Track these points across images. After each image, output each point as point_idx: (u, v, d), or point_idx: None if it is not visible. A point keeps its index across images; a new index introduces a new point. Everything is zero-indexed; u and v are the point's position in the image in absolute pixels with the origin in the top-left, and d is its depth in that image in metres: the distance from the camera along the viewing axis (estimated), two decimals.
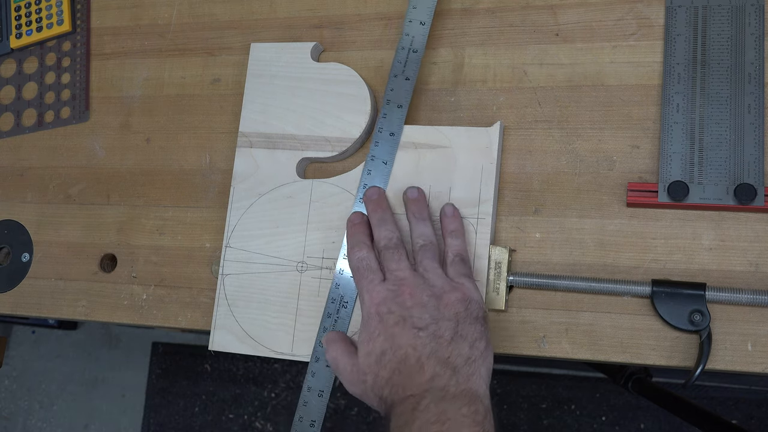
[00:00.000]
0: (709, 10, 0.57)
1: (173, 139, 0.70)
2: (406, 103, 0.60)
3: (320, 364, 0.57)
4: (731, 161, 0.54)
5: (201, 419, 1.61)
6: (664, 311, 0.53)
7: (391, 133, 0.60)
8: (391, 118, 0.60)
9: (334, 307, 0.58)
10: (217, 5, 0.71)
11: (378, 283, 0.53)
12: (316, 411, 0.56)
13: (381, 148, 0.60)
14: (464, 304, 0.51)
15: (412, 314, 0.50)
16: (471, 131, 0.59)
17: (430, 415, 0.45)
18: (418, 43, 0.60)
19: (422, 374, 0.48)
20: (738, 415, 1.32)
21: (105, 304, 0.67)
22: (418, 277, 0.53)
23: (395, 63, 0.60)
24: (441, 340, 0.49)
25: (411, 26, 0.61)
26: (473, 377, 0.48)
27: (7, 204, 0.73)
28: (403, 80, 0.60)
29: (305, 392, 0.57)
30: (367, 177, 0.59)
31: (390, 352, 0.50)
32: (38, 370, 1.77)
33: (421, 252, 0.54)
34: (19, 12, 0.77)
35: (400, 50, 0.61)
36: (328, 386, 0.57)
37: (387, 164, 0.60)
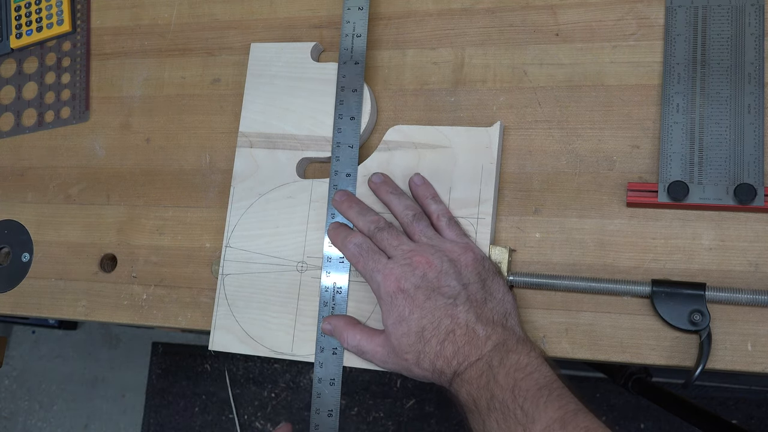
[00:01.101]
0: (709, 10, 0.57)
1: (173, 139, 0.70)
2: (361, 88, 0.61)
3: (326, 354, 0.57)
4: (731, 161, 0.54)
5: (201, 419, 1.61)
6: (664, 311, 0.53)
7: (351, 117, 0.61)
8: (348, 103, 0.61)
9: (328, 295, 0.58)
10: (217, 5, 0.71)
11: (387, 262, 0.53)
12: (331, 400, 0.57)
13: (344, 133, 0.61)
14: (480, 262, 0.53)
15: (439, 285, 0.51)
16: (471, 131, 0.59)
17: (507, 367, 0.47)
18: (360, 27, 0.62)
19: (477, 339, 0.49)
20: (738, 415, 1.32)
21: (105, 304, 0.67)
22: (425, 246, 0.53)
23: (342, 50, 0.62)
24: (476, 303, 0.51)
25: (350, 13, 0.63)
26: (516, 327, 0.51)
27: (7, 204, 0.73)
28: (353, 65, 0.61)
29: (317, 384, 0.57)
30: (336, 163, 0.61)
31: (430, 327, 0.50)
32: (38, 370, 1.77)
33: (414, 223, 0.55)
34: (19, 12, 0.77)
35: (344, 38, 0.62)
36: (338, 373, 0.57)
37: (353, 148, 0.61)
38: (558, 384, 0.47)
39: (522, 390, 0.46)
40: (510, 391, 0.46)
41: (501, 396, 0.46)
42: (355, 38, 0.62)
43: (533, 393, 0.46)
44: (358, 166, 0.61)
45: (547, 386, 0.46)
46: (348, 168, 0.60)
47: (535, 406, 0.45)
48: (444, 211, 0.56)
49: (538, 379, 0.47)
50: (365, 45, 0.62)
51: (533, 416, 0.45)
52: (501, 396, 0.46)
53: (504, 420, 0.46)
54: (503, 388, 0.46)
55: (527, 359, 0.48)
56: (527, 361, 0.48)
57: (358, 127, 0.61)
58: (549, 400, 0.45)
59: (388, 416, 1.46)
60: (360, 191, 0.60)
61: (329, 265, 0.59)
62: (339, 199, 0.59)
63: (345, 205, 0.58)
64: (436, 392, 1.45)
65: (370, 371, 0.57)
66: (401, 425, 1.45)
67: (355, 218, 0.57)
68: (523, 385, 0.46)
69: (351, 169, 0.60)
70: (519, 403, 0.45)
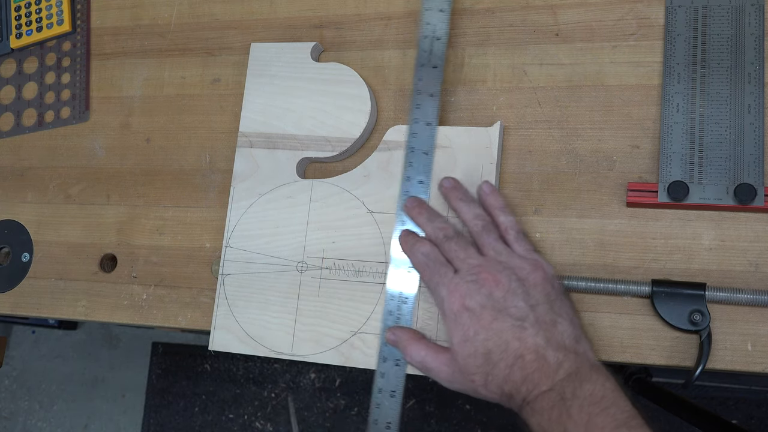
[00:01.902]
0: (709, 10, 0.57)
1: (173, 139, 0.70)
2: (437, 92, 0.59)
3: (389, 365, 0.56)
4: (731, 161, 0.54)
5: (201, 419, 1.61)
6: (664, 311, 0.53)
7: (428, 123, 0.59)
8: (425, 108, 0.59)
9: (393, 304, 0.57)
10: (217, 5, 0.71)
11: (453, 276, 0.51)
12: (390, 412, 0.55)
13: (419, 138, 0.59)
14: (549, 281, 0.50)
15: (506, 305, 0.49)
16: (471, 131, 0.59)
17: (581, 400, 0.45)
18: (440, 30, 0.60)
19: (548, 366, 0.47)
20: (738, 415, 1.32)
21: (105, 304, 0.67)
22: (493, 262, 0.51)
23: (420, 52, 0.60)
24: (545, 326, 0.48)
25: (430, 14, 0.60)
26: (589, 352, 0.48)
27: (7, 204, 0.73)
28: (431, 68, 0.59)
29: (376, 394, 0.56)
30: (410, 169, 0.58)
31: (497, 350, 0.48)
32: (38, 370, 1.77)
33: (484, 234, 0.53)
34: (19, 12, 0.77)
35: (422, 39, 0.60)
36: (400, 385, 0.55)
37: (428, 155, 0.58)
38: (637, 421, 0.44)
39: (597, 427, 0.43)
40: (584, 427, 0.43)
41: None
42: (434, 41, 0.60)
43: (609, 431, 0.43)
44: (359, 167, 0.61)
45: (625, 423, 0.43)
46: (421, 175, 0.58)
47: None
48: (513, 224, 0.54)
49: (614, 414, 0.44)
50: (445, 48, 0.60)
51: None
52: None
53: None
54: (577, 424, 0.44)
55: (602, 391, 0.45)
56: (602, 393, 0.45)
57: (434, 133, 0.59)
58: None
59: None
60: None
61: (396, 273, 0.57)
62: (410, 205, 0.57)
63: (415, 211, 0.56)
64: (436, 392, 1.45)
65: (370, 371, 0.57)
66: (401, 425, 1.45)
67: (423, 224, 0.55)
68: (599, 421, 0.43)
69: (424, 176, 0.58)
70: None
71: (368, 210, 0.60)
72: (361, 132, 0.62)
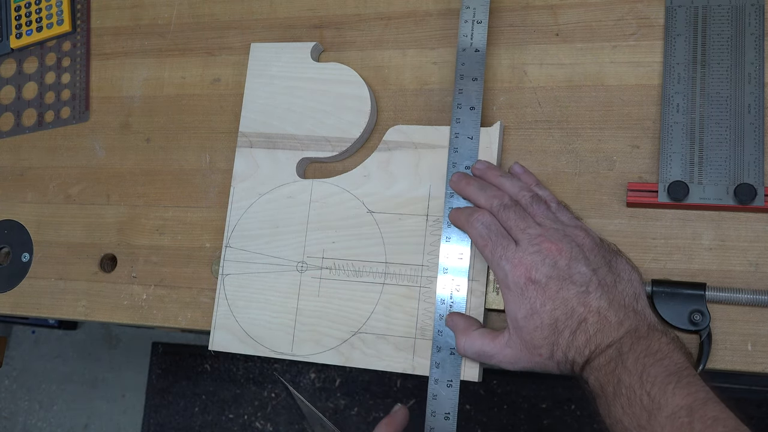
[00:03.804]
0: (709, 10, 0.57)
1: (173, 139, 0.70)
2: (481, 76, 0.58)
3: (443, 354, 0.55)
4: (731, 161, 0.54)
5: (201, 419, 1.61)
6: (664, 311, 0.53)
7: (471, 107, 0.58)
8: (467, 92, 0.58)
9: (444, 307, 0.56)
10: (217, 5, 0.71)
11: (515, 249, 0.50)
12: (448, 402, 0.55)
13: (463, 124, 0.58)
14: (601, 244, 0.51)
15: (570, 273, 0.49)
16: None
17: (637, 353, 0.46)
18: (481, 14, 0.60)
19: (609, 325, 0.47)
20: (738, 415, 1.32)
21: (105, 304, 0.67)
22: (551, 230, 0.51)
23: (461, 36, 0.59)
24: (607, 288, 0.49)
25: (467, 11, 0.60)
26: (647, 310, 0.50)
27: (7, 204, 0.73)
28: (473, 51, 0.59)
29: (433, 385, 0.55)
30: (454, 155, 0.58)
31: (563, 317, 0.48)
32: (38, 370, 1.77)
33: (534, 205, 0.53)
34: (19, 12, 0.77)
35: (462, 32, 0.60)
36: (457, 374, 0.55)
37: (473, 139, 0.58)
38: (689, 371, 0.45)
39: (650, 376, 0.44)
40: (638, 376, 0.45)
41: (628, 381, 0.45)
42: (475, 24, 0.59)
43: (661, 379, 0.44)
44: (359, 167, 0.61)
45: (676, 373, 0.44)
46: (467, 160, 0.57)
47: (663, 393, 0.43)
48: (551, 196, 0.54)
49: (667, 365, 0.45)
50: (486, 32, 0.59)
51: (660, 402, 0.43)
52: (628, 381, 0.45)
53: (629, 405, 0.44)
54: (631, 374, 0.45)
55: (658, 345, 0.46)
56: (657, 347, 0.46)
57: (479, 117, 0.58)
58: (678, 387, 0.43)
59: None
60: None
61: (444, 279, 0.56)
62: (456, 179, 0.56)
63: (463, 182, 0.55)
64: None
65: (370, 371, 0.56)
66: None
67: (475, 195, 0.54)
68: (652, 371, 0.44)
69: (470, 161, 0.57)
70: (646, 389, 0.44)
71: (368, 210, 0.60)
72: (361, 132, 0.62)
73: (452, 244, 0.56)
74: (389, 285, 0.58)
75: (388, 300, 0.58)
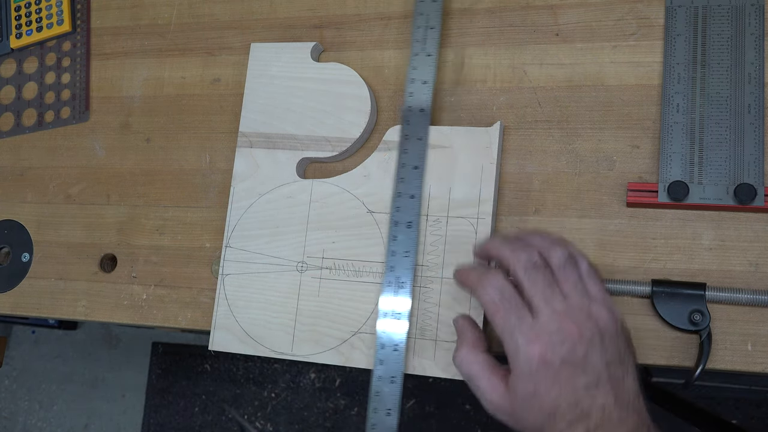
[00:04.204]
0: (709, 10, 0.57)
1: (173, 139, 0.70)
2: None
3: (387, 351, 0.55)
4: (731, 161, 0.54)
5: (201, 419, 1.61)
6: (664, 311, 0.53)
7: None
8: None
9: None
10: (217, 5, 0.71)
11: (531, 322, 0.46)
12: (391, 398, 0.54)
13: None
14: (621, 332, 0.48)
15: (585, 362, 0.45)
16: (471, 131, 0.59)
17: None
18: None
19: (611, 423, 0.45)
20: (738, 415, 1.32)
21: (105, 304, 0.67)
22: (576, 309, 0.47)
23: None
24: (615, 383, 0.46)
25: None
26: (644, 408, 0.47)
27: (7, 204, 0.73)
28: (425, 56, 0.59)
29: (375, 381, 0.55)
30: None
31: (565, 406, 0.45)
32: (38, 370, 1.77)
33: (568, 268, 0.48)
34: (19, 12, 0.77)
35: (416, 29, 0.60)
36: (400, 370, 0.55)
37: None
38: None
39: None
40: None
41: None
42: (428, 30, 0.59)
43: None
44: (359, 167, 0.61)
45: None
46: (416, 161, 0.56)
47: None
48: (582, 257, 0.49)
49: None
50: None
51: None
52: None
53: None
54: None
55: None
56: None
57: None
58: None
59: None
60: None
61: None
62: (479, 249, 0.52)
63: (488, 244, 0.51)
64: (436, 392, 1.45)
65: (370, 371, 0.56)
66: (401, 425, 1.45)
67: (497, 248, 0.49)
68: None
69: (420, 162, 0.56)
70: None
71: (368, 210, 0.60)
72: (361, 132, 0.62)
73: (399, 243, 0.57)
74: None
75: None
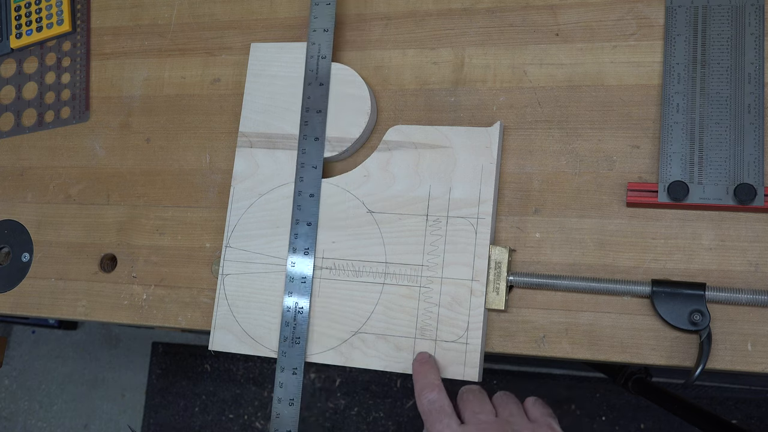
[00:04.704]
0: (709, 10, 0.57)
1: (173, 139, 0.70)
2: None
3: (286, 374, 0.58)
4: (731, 161, 0.54)
5: (201, 419, 1.61)
6: (664, 311, 0.53)
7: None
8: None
9: (290, 315, 0.59)
10: (217, 5, 0.71)
11: (456, 428, 0.50)
12: (289, 421, 0.57)
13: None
14: None
15: None
16: (471, 131, 0.59)
17: None
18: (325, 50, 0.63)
19: None
20: (738, 415, 1.32)
21: (105, 304, 0.67)
22: (503, 422, 0.50)
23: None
24: None
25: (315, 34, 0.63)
26: None
27: (7, 204, 0.73)
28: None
29: (276, 404, 0.58)
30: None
31: None
32: (38, 370, 1.77)
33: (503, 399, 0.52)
34: (19, 12, 0.77)
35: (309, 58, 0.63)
36: (298, 393, 0.57)
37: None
38: None
39: None
40: None
41: None
42: (320, 59, 0.62)
43: None
44: (359, 167, 0.61)
45: None
46: (311, 189, 0.60)
47: None
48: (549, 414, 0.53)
49: None
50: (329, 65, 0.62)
51: None
52: None
53: None
54: None
55: None
56: None
57: (322, 147, 0.61)
58: None
59: (388, 416, 1.46)
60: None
61: (291, 285, 0.59)
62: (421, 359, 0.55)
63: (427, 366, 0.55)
64: None
65: (370, 371, 0.57)
66: (401, 425, 1.45)
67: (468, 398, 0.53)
68: None
69: (315, 190, 0.60)
70: None
71: (368, 210, 0.60)
72: (361, 132, 0.62)
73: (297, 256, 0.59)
74: (389, 285, 0.58)
75: (388, 300, 0.58)
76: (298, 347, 0.58)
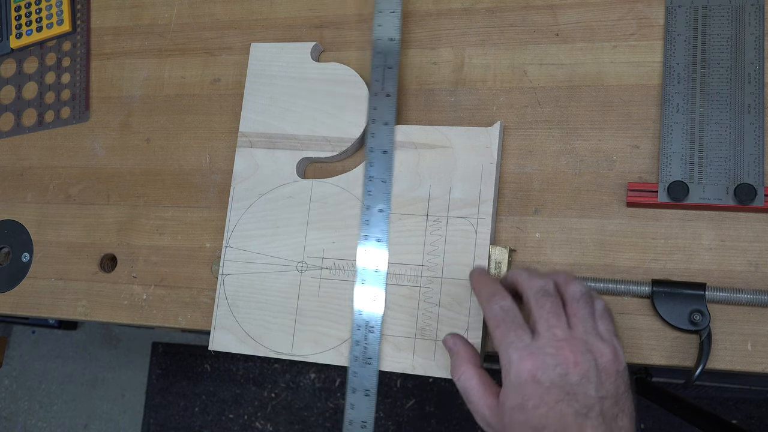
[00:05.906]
0: (709, 10, 0.57)
1: (173, 139, 0.70)
2: (392, 120, 0.60)
3: (358, 395, 0.56)
4: (731, 161, 0.54)
5: (201, 419, 1.61)
6: (664, 311, 0.53)
7: (384, 151, 0.59)
8: (379, 136, 0.60)
9: (360, 333, 0.57)
10: (217, 5, 0.71)
11: (529, 342, 0.47)
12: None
13: (376, 167, 0.59)
14: (622, 374, 0.48)
15: (577, 390, 0.46)
16: (471, 131, 0.59)
17: None
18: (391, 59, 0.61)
19: None
20: (738, 415, 1.32)
21: (105, 304, 0.67)
22: (579, 341, 0.47)
23: (373, 81, 0.61)
24: (608, 419, 0.46)
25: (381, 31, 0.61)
26: None
27: (7, 204, 0.73)
28: (384, 96, 0.60)
29: (347, 426, 0.56)
30: (369, 198, 0.59)
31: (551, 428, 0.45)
32: (38, 370, 1.77)
33: (582, 302, 0.49)
34: (19, 12, 0.77)
35: (375, 68, 0.61)
36: (371, 417, 0.55)
37: (386, 183, 0.59)
38: None
39: None
40: None
41: None
42: (386, 70, 0.61)
43: None
44: (359, 167, 0.61)
45: None
46: (383, 175, 0.58)
47: None
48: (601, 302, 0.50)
49: None
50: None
51: None
52: None
53: None
54: None
55: None
56: None
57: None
58: None
59: (388, 416, 1.46)
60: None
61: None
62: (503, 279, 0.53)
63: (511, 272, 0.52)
64: (436, 392, 1.45)
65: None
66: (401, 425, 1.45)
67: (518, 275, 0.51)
68: None
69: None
70: None
71: None
72: (361, 132, 0.62)
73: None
74: (389, 285, 0.58)
75: (388, 300, 0.58)
76: (370, 368, 0.56)
